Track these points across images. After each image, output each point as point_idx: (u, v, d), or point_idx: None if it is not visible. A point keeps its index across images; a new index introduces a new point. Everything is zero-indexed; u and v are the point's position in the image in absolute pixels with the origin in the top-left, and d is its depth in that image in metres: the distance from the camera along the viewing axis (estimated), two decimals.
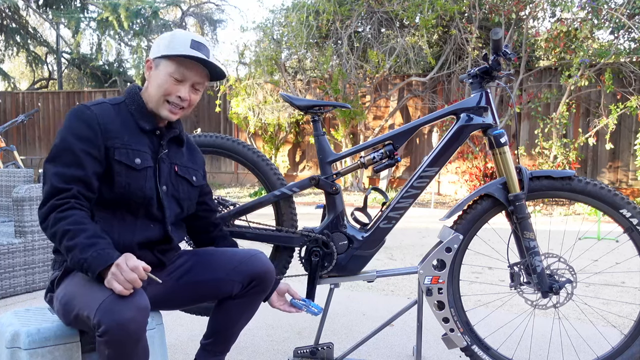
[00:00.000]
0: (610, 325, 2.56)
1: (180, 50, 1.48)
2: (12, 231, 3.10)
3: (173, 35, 1.51)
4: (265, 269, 1.61)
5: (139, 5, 10.88)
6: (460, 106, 1.88)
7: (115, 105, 1.52)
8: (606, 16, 6.60)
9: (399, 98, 8.69)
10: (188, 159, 1.66)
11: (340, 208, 1.95)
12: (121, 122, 1.49)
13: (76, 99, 11.68)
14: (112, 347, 1.22)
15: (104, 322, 1.21)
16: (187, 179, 1.62)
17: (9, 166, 5.40)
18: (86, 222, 1.34)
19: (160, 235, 1.54)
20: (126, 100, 1.54)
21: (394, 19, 8.18)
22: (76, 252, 1.29)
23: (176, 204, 1.58)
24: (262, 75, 8.56)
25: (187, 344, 2.29)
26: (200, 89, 1.56)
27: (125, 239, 1.47)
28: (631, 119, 7.21)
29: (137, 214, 1.49)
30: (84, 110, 1.45)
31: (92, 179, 1.41)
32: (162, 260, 1.57)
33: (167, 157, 1.57)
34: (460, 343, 1.88)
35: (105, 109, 1.48)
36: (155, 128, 1.54)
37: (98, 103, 1.49)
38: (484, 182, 7.35)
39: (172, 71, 1.49)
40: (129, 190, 1.45)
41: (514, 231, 1.86)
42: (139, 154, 1.48)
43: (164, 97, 1.50)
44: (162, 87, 1.49)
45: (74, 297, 1.34)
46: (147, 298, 1.29)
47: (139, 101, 1.53)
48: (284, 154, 9.67)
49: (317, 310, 1.78)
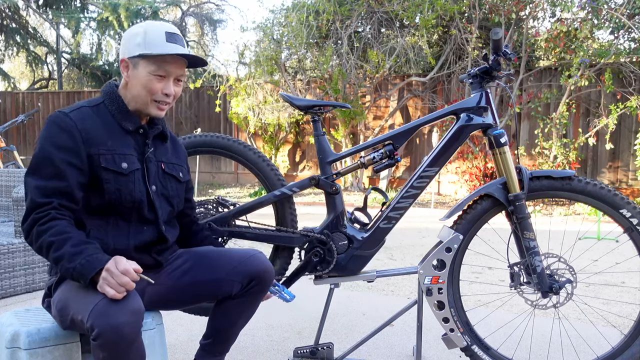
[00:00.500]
0: (610, 325, 2.56)
1: (159, 48, 1.44)
2: (12, 231, 3.10)
3: (145, 32, 1.46)
4: (264, 268, 1.61)
5: (139, 5, 10.89)
6: (460, 106, 1.88)
7: (94, 107, 1.48)
8: (606, 16, 6.60)
9: (399, 98, 8.69)
10: (172, 154, 1.64)
11: (340, 208, 1.95)
12: (103, 125, 1.45)
13: (76, 99, 11.69)
14: (106, 350, 1.22)
15: (97, 325, 1.20)
16: (174, 176, 1.61)
17: (9, 166, 5.40)
18: (69, 231, 1.32)
19: (155, 236, 1.54)
20: (105, 101, 1.50)
21: (394, 19, 8.18)
22: (64, 262, 1.28)
23: (167, 203, 1.57)
24: (262, 75, 8.56)
25: (187, 344, 2.29)
26: (182, 79, 1.53)
27: (120, 244, 1.46)
28: (631, 119, 7.21)
29: (129, 218, 1.48)
30: (62, 117, 1.41)
31: (74, 190, 1.38)
32: (159, 260, 1.57)
33: (154, 156, 1.55)
34: (460, 343, 1.88)
35: (84, 113, 1.45)
36: (138, 127, 1.51)
37: (77, 108, 1.45)
38: (484, 182, 7.35)
39: (153, 70, 1.46)
40: (119, 195, 1.43)
41: (514, 231, 1.86)
42: (124, 158, 1.46)
43: (150, 96, 1.47)
44: (146, 87, 1.46)
45: (69, 301, 1.34)
46: (140, 300, 1.29)
47: (119, 101, 1.50)
48: (284, 154, 9.67)
49: (289, 298, 1.77)
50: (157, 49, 1.44)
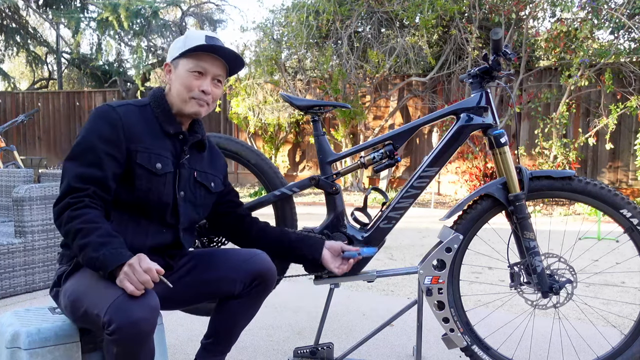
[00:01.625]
0: (610, 325, 2.56)
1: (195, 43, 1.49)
2: (12, 231, 3.10)
3: (186, 36, 1.53)
4: (267, 268, 1.61)
5: (139, 5, 10.88)
6: (460, 106, 1.87)
7: (140, 107, 1.53)
8: (606, 16, 6.60)
9: (399, 98, 8.69)
10: (208, 164, 1.66)
11: (340, 208, 1.95)
12: (145, 124, 1.49)
13: (76, 99, 11.69)
14: (121, 346, 1.23)
15: (115, 320, 1.21)
16: (205, 185, 1.62)
17: (9, 166, 5.39)
18: (99, 221, 1.34)
19: (172, 241, 1.55)
20: (151, 103, 1.55)
21: (394, 19, 8.18)
22: (89, 250, 1.30)
23: (193, 210, 1.58)
24: (262, 75, 8.56)
25: (187, 344, 2.29)
26: (221, 81, 1.57)
27: (137, 242, 1.47)
28: (631, 119, 7.21)
29: (151, 218, 1.50)
30: (109, 111, 1.45)
31: (109, 181, 1.41)
32: (171, 264, 1.58)
33: (188, 163, 1.57)
34: (460, 343, 1.88)
35: (130, 110, 1.49)
36: (179, 132, 1.54)
37: (123, 104, 1.49)
38: (484, 182, 7.35)
39: (191, 67, 1.51)
40: (147, 194, 1.46)
41: (514, 231, 1.86)
42: (160, 159, 1.48)
43: (188, 93, 1.51)
44: (184, 85, 1.51)
45: (84, 294, 1.34)
46: (157, 298, 1.29)
47: (164, 104, 1.54)
48: (284, 154, 9.67)
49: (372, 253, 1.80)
50: (193, 44, 1.49)
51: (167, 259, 1.56)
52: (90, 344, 1.46)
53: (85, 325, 1.40)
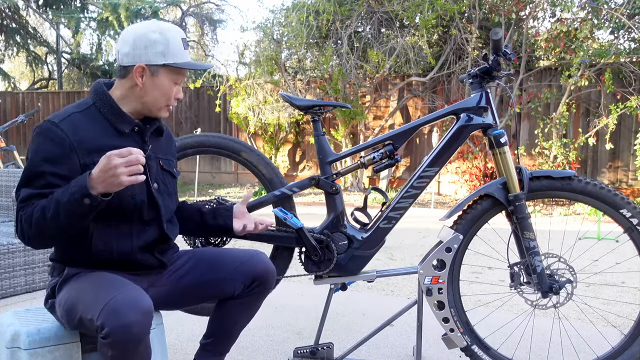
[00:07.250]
0: (610, 325, 2.56)
1: (182, 58, 1.46)
2: (12, 231, 3.10)
3: (167, 40, 1.44)
4: (267, 269, 1.61)
5: (139, 5, 10.88)
6: (460, 106, 1.88)
7: (84, 111, 1.44)
8: (606, 16, 6.59)
9: (399, 98, 8.69)
10: (167, 149, 1.63)
11: (340, 208, 1.95)
12: (96, 130, 1.42)
13: (76, 99, 11.68)
14: (115, 349, 1.23)
15: (108, 324, 1.21)
16: (170, 172, 1.61)
17: (9, 166, 5.39)
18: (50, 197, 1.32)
19: (158, 235, 1.53)
20: (96, 103, 1.46)
21: (394, 19, 8.17)
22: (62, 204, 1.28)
23: (169, 199, 1.57)
24: (262, 75, 8.56)
25: (187, 344, 2.29)
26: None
27: (125, 246, 1.45)
28: (631, 119, 7.20)
29: (131, 220, 1.46)
30: (51, 128, 1.37)
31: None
32: (163, 261, 1.56)
33: (153, 153, 1.53)
34: (460, 343, 1.88)
35: (75, 120, 1.40)
36: (133, 127, 1.48)
37: (66, 116, 1.40)
38: (484, 182, 7.35)
39: (175, 78, 1.48)
40: (120, 199, 1.40)
41: (514, 231, 1.86)
42: None
43: (166, 102, 1.49)
44: (165, 94, 1.47)
45: (77, 300, 1.33)
46: (150, 300, 1.29)
47: (110, 102, 1.45)
48: (284, 154, 9.67)
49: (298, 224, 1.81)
50: (180, 58, 1.46)
51: (158, 255, 1.54)
52: (90, 344, 1.46)
53: (83, 331, 1.40)
